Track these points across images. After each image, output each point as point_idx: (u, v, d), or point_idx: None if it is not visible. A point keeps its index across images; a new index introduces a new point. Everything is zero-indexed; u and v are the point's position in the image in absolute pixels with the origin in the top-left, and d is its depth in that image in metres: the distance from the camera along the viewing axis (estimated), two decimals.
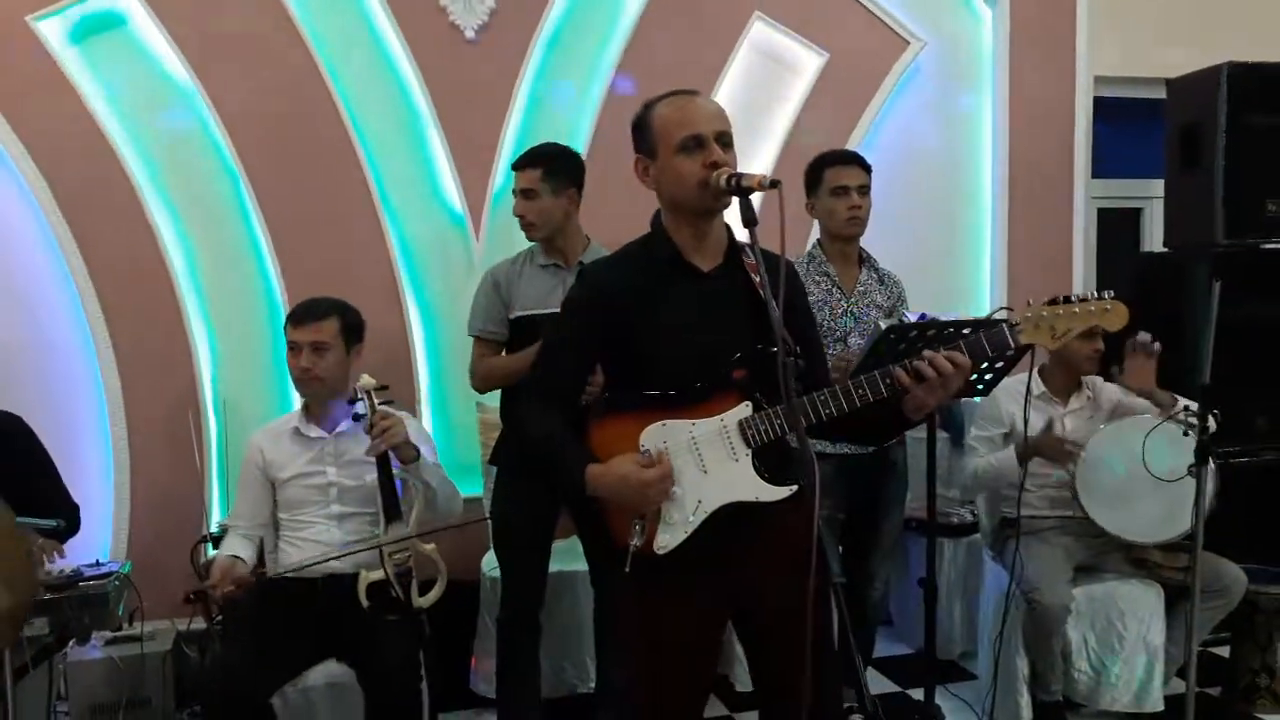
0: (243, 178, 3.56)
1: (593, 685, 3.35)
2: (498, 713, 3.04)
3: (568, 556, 3.16)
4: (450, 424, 3.81)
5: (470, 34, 3.73)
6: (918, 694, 3.28)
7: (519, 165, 2.92)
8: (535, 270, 2.95)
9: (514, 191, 2.93)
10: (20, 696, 2.43)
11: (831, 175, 3.00)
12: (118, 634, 3.24)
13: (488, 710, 3.24)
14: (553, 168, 2.87)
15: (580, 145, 3.82)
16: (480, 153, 3.75)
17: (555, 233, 2.91)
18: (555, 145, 3.00)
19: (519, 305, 2.92)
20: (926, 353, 1.76)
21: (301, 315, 2.65)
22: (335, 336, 2.62)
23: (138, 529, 3.53)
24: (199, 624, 3.22)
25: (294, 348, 2.63)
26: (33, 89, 3.38)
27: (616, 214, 3.59)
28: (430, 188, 3.77)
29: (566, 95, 3.87)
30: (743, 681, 3.43)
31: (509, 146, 3.76)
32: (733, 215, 1.82)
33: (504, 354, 2.93)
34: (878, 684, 3.53)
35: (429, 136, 3.73)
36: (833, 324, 2.98)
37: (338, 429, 2.67)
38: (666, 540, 1.83)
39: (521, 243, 3.03)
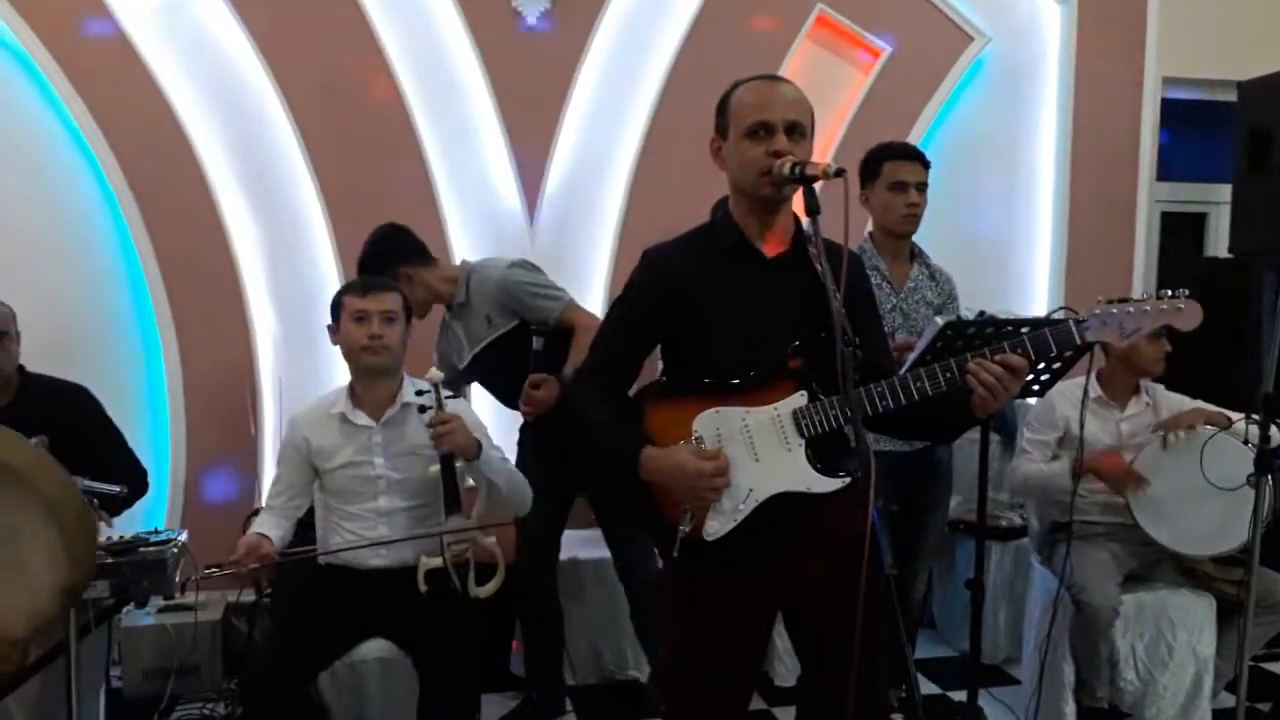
0: (305, 159, 3.62)
1: (631, 672, 3.38)
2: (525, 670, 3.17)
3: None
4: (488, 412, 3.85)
5: (532, 20, 3.76)
6: (960, 696, 3.26)
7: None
8: (452, 324, 3.11)
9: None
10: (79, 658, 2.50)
11: (890, 169, 2.94)
12: (170, 603, 3.34)
13: None
14: (373, 269, 2.96)
15: (637, 133, 3.84)
16: (538, 140, 3.79)
17: (425, 304, 3.06)
18: (366, 245, 3.06)
19: (456, 359, 3.09)
20: (981, 358, 1.72)
21: (367, 284, 2.61)
22: (400, 309, 2.59)
23: (192, 500, 3.61)
24: (249, 596, 3.31)
25: (362, 317, 2.55)
26: (106, 68, 3.47)
27: (673, 201, 3.65)
28: (487, 173, 3.80)
29: (625, 84, 3.88)
30: (782, 677, 3.42)
31: (568, 134, 3.80)
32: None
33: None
34: (919, 686, 3.50)
35: (488, 121, 3.77)
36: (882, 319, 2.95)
37: (385, 416, 2.61)
38: (716, 527, 1.83)
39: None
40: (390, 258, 3.01)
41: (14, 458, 1.61)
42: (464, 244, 3.78)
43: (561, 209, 3.83)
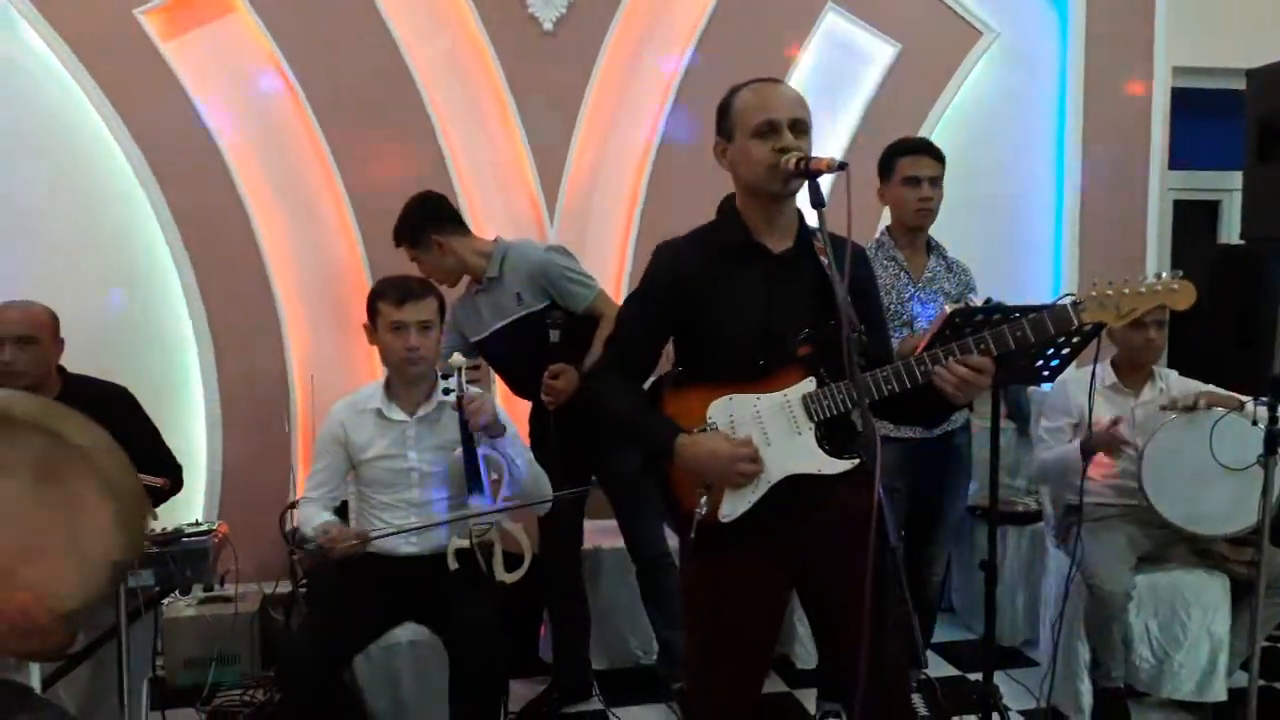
0: (331, 162, 3.73)
1: (655, 658, 3.46)
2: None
3: None
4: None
5: (548, 25, 3.85)
6: (977, 678, 3.32)
7: (395, 244, 3.15)
8: (475, 298, 3.18)
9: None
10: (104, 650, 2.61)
11: (903, 165, 3.00)
12: (209, 594, 3.46)
13: None
14: (409, 234, 3.09)
15: (652, 137, 3.94)
16: (556, 141, 3.88)
17: (455, 273, 3.13)
18: (403, 209, 3.15)
19: (472, 333, 3.17)
20: (942, 364, 1.82)
21: (404, 294, 2.62)
22: (435, 314, 2.66)
23: (228, 494, 3.73)
24: (285, 587, 3.43)
25: (400, 327, 2.60)
26: (139, 78, 3.59)
27: (686, 198, 3.72)
28: (507, 174, 3.90)
29: (639, 86, 3.98)
30: (803, 659, 3.50)
31: (583, 135, 3.89)
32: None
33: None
34: (938, 668, 3.56)
35: (507, 124, 3.86)
36: (899, 309, 3.02)
37: (419, 412, 2.70)
38: (731, 509, 1.92)
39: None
40: (425, 224, 3.09)
41: (81, 437, 1.70)
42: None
43: (578, 208, 3.93)
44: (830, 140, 4.06)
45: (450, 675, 2.53)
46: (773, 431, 1.92)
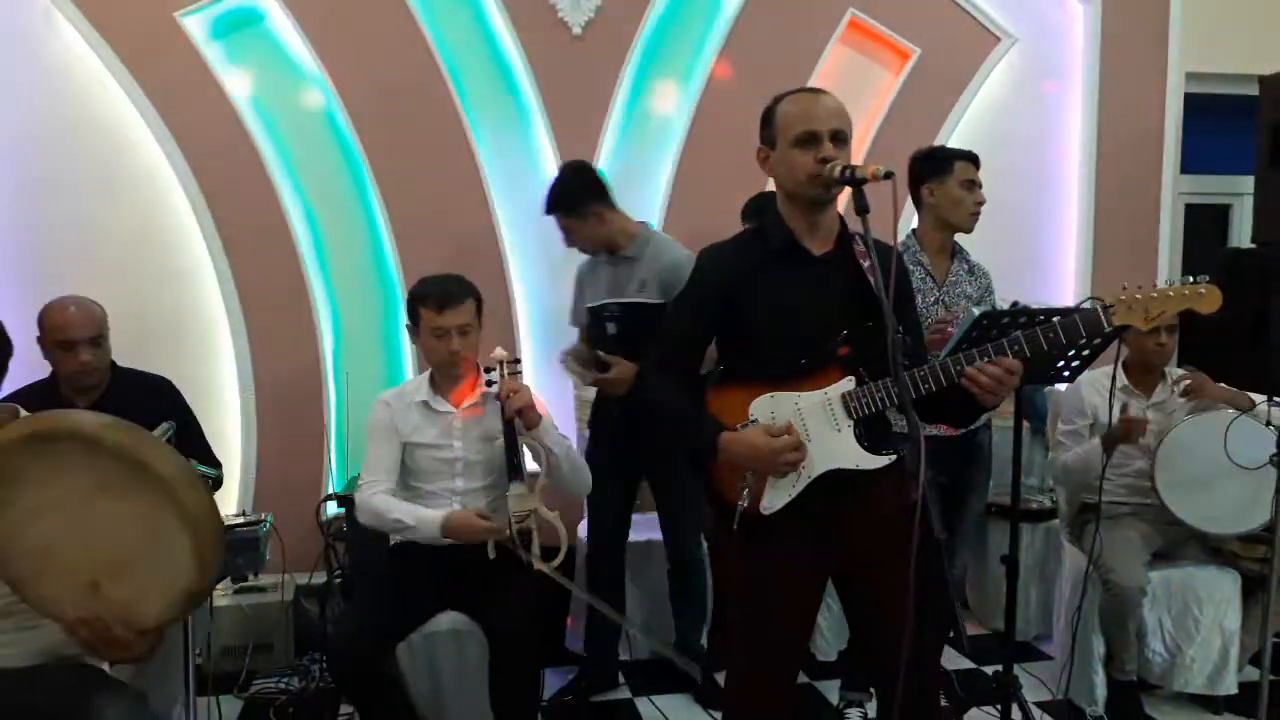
0: (365, 164, 3.82)
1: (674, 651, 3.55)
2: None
3: None
4: (547, 401, 4.02)
5: (577, 30, 3.93)
6: (992, 670, 3.40)
7: (547, 211, 3.20)
8: (601, 265, 3.26)
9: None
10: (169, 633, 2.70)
11: (962, 169, 3.05)
12: (244, 584, 3.54)
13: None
14: (569, 203, 3.16)
15: (677, 138, 4.02)
16: (583, 143, 3.96)
17: (603, 244, 3.21)
18: (561, 178, 3.24)
19: (589, 297, 3.26)
20: (974, 365, 1.90)
21: (444, 299, 2.68)
22: (474, 316, 2.73)
23: (263, 487, 3.81)
24: (319, 578, 3.52)
25: (441, 332, 2.68)
26: (180, 81, 3.67)
27: (710, 199, 3.82)
28: (536, 173, 3.98)
29: (665, 89, 4.07)
30: (824, 652, 3.59)
31: (610, 137, 3.99)
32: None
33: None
34: (953, 661, 3.64)
35: (536, 127, 3.95)
36: (924, 312, 3.09)
37: (465, 405, 2.78)
38: (771, 502, 2.00)
39: None
40: (586, 195, 3.17)
41: (164, 467, 1.75)
42: (513, 239, 3.98)
43: None
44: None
45: (490, 662, 2.61)
46: (813, 428, 2.00)
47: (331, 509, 3.58)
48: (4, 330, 2.06)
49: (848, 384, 1.99)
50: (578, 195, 3.16)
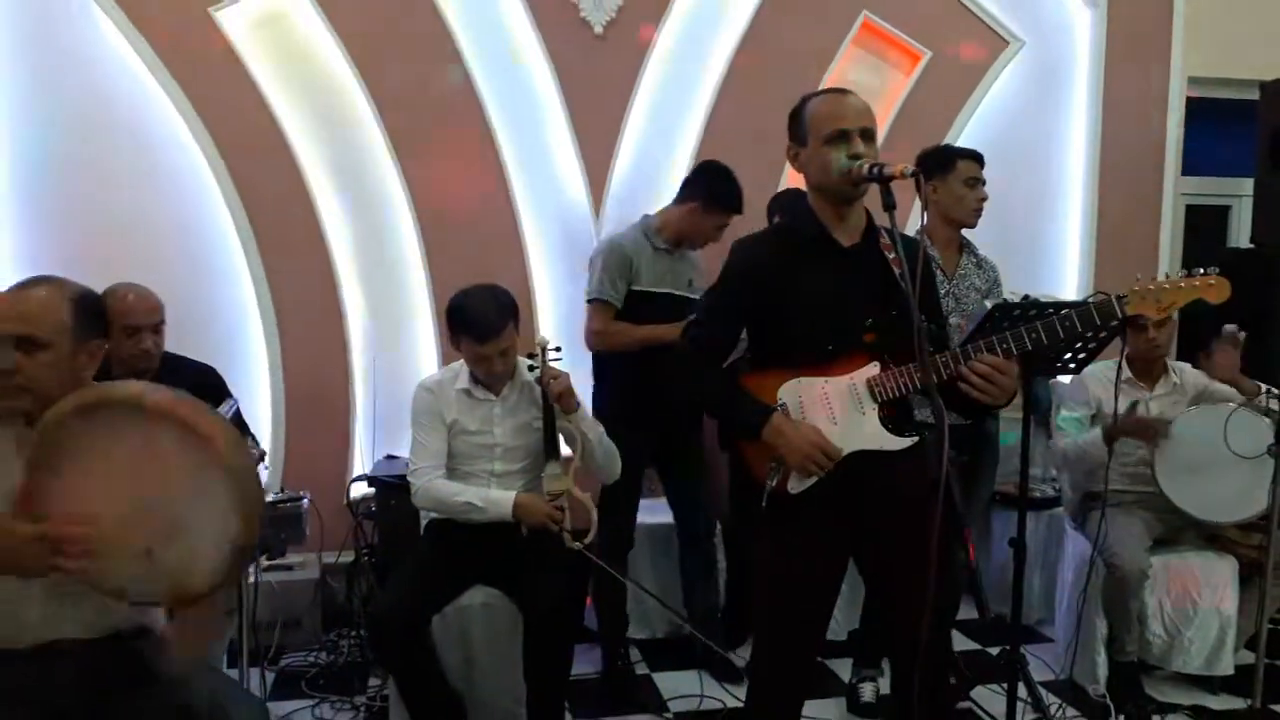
0: (392, 158, 3.92)
1: (693, 627, 3.66)
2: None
3: None
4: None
5: (599, 29, 4.04)
6: (997, 651, 3.53)
7: (739, 211, 3.34)
8: (658, 253, 3.34)
9: None
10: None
11: (965, 167, 3.18)
12: (273, 562, 3.65)
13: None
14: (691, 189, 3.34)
15: (694, 136, 4.13)
16: (604, 140, 4.07)
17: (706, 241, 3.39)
18: (731, 176, 3.33)
19: (643, 281, 3.29)
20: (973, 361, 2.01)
21: (484, 331, 2.73)
22: (513, 336, 2.79)
23: (290, 468, 3.91)
24: (346, 556, 3.63)
25: (482, 358, 2.76)
26: (214, 76, 3.77)
27: None
28: (556, 170, 4.09)
29: (684, 86, 4.18)
30: (834, 631, 3.67)
31: (630, 135, 4.10)
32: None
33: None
34: (960, 643, 3.76)
35: (558, 124, 4.06)
36: None
37: (504, 393, 2.87)
38: (798, 483, 2.11)
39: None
40: (697, 187, 3.33)
41: (204, 425, 1.80)
42: (535, 235, 4.09)
43: (625, 205, 4.08)
44: None
45: (525, 638, 2.73)
46: (839, 411, 2.11)
47: (360, 489, 3.67)
48: (98, 297, 2.07)
49: (873, 369, 2.10)
50: (741, 199, 3.31)
